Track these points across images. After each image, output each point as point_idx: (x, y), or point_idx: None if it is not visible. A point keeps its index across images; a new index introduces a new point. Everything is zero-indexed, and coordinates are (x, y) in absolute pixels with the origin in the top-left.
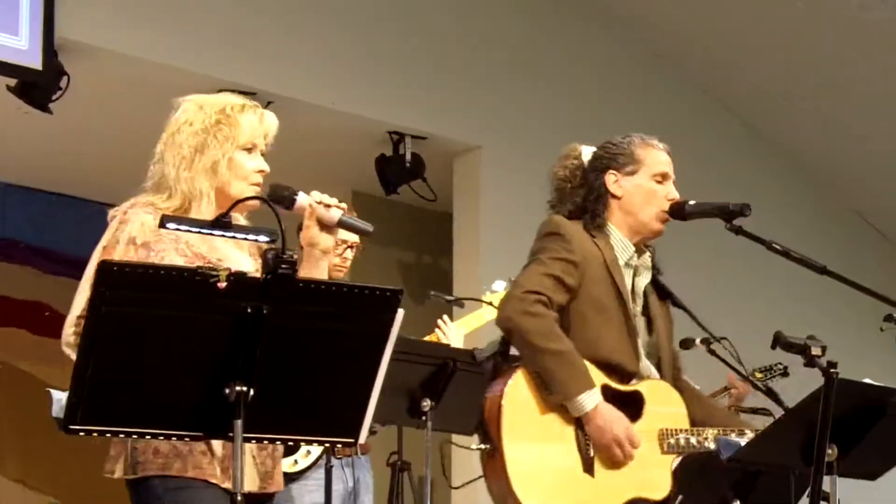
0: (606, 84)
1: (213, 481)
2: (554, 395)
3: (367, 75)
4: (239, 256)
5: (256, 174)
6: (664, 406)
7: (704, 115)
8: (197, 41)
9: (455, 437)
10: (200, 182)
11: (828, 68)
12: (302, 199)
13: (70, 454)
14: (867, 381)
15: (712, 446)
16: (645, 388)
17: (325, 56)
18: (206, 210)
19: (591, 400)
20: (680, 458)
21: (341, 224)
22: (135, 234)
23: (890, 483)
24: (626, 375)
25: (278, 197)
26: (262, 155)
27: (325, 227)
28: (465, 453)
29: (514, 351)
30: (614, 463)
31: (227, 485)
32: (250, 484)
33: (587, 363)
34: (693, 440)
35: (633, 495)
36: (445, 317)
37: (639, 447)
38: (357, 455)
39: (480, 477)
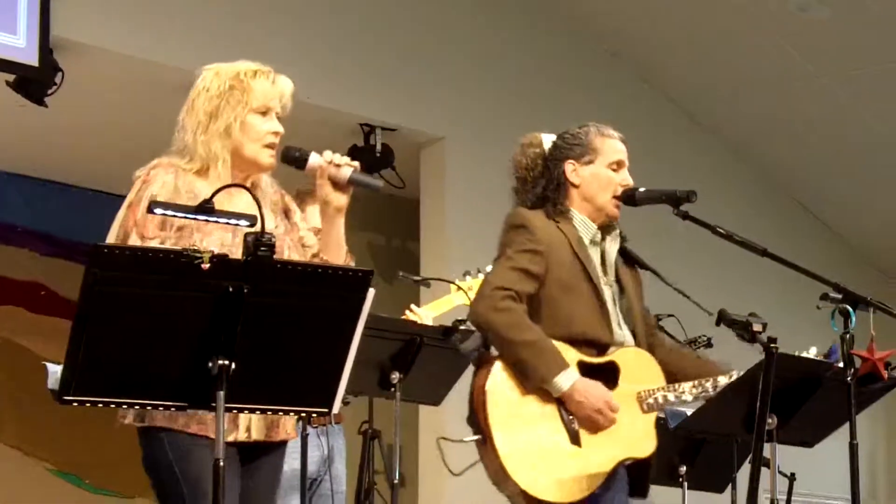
0: (562, 79)
1: (215, 436)
2: (531, 383)
3: (341, 72)
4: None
5: (270, 135)
6: (639, 370)
7: (653, 108)
8: (181, 39)
9: (448, 433)
10: (215, 145)
11: (769, 64)
12: (314, 159)
13: (64, 423)
14: (805, 355)
15: (689, 399)
16: (619, 356)
17: (302, 54)
18: (223, 172)
19: (567, 379)
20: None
21: (352, 181)
22: (156, 192)
23: (825, 450)
24: (601, 347)
25: (290, 158)
26: (279, 118)
27: (338, 185)
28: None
29: None
30: (599, 431)
31: (231, 437)
32: (257, 433)
33: (561, 343)
34: (671, 396)
35: (622, 457)
36: (413, 305)
37: (618, 411)
38: (331, 424)
39: (478, 461)
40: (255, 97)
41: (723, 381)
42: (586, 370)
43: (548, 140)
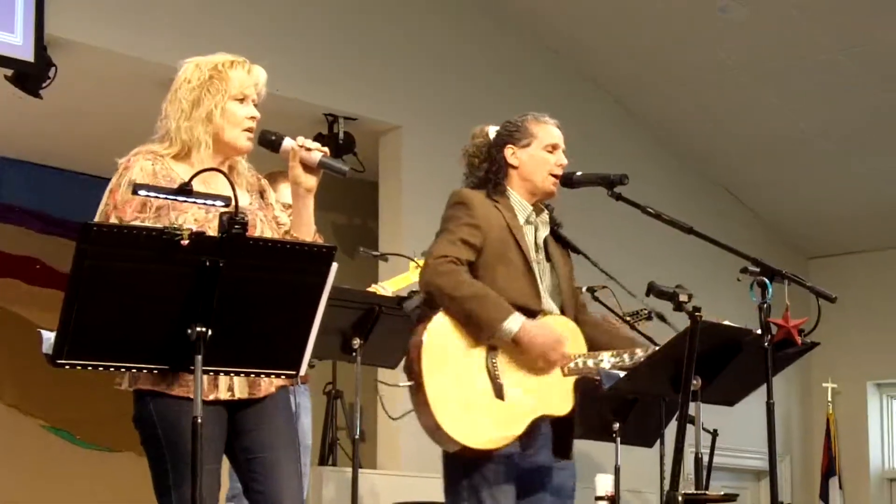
0: (509, 74)
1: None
2: (483, 332)
3: (307, 67)
4: (242, 196)
5: (248, 120)
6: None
7: (590, 99)
8: (160, 37)
9: (382, 376)
10: (198, 130)
11: (695, 59)
12: (287, 143)
13: (57, 384)
14: (726, 322)
15: (607, 366)
16: (546, 322)
17: (272, 50)
18: (205, 154)
19: (514, 323)
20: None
21: (321, 165)
22: (135, 177)
23: (745, 408)
24: (530, 314)
25: (266, 141)
26: (255, 105)
27: (308, 168)
28: (401, 391)
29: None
30: (551, 369)
31: (213, 396)
32: (240, 391)
33: None
34: (590, 363)
35: (540, 413)
36: (378, 284)
37: (566, 344)
38: (298, 384)
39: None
40: (233, 85)
41: (640, 353)
42: (515, 342)
43: (493, 131)
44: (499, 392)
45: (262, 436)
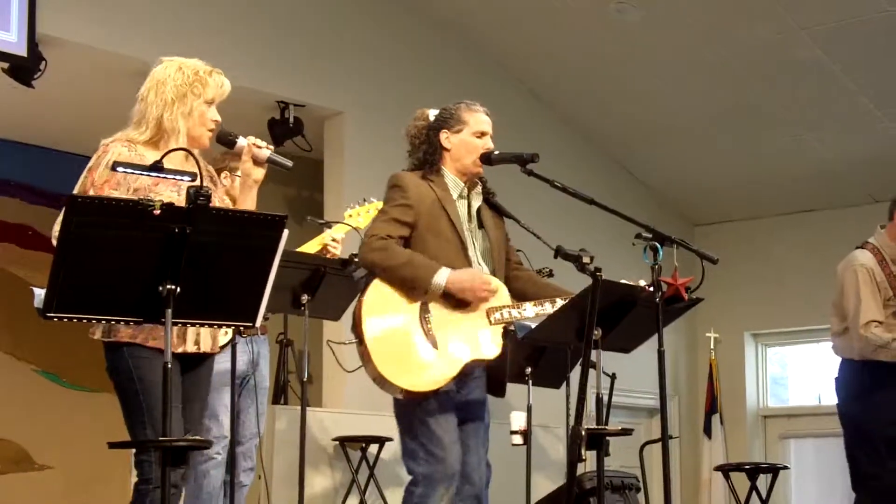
0: (435, 67)
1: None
2: (418, 290)
3: (263, 60)
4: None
5: (212, 122)
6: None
7: (506, 89)
8: (135, 35)
9: (333, 336)
10: (179, 123)
11: (596, 53)
12: (241, 141)
13: (47, 334)
14: (623, 281)
15: (531, 315)
16: None
17: (231, 45)
18: (182, 142)
19: (441, 277)
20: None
21: (269, 160)
22: (112, 160)
23: (639, 355)
24: None
25: (224, 140)
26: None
27: (258, 162)
28: (352, 349)
29: None
30: (481, 305)
31: (181, 349)
32: (204, 346)
33: None
34: (514, 312)
35: (471, 358)
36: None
37: (490, 283)
38: (259, 335)
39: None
40: (209, 90)
41: (560, 302)
42: (446, 293)
43: (433, 114)
44: (433, 342)
45: (198, 386)
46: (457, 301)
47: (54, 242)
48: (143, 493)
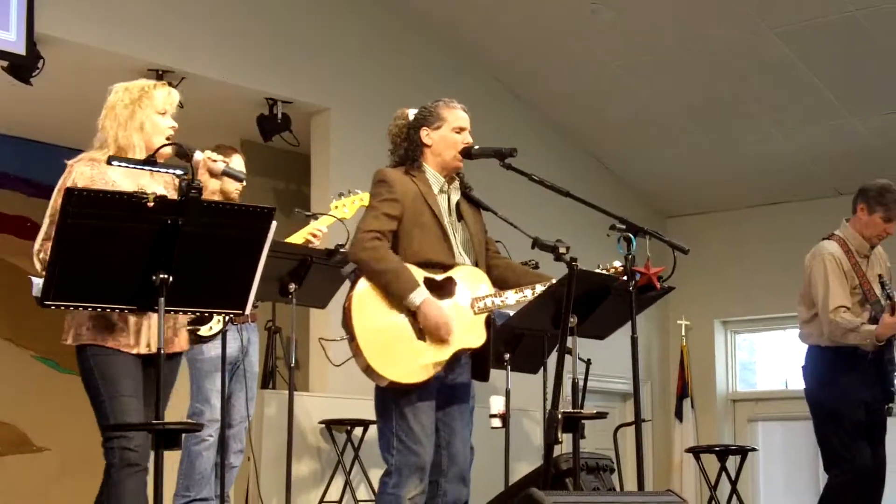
0: (416, 66)
1: (125, 350)
2: (395, 299)
3: (253, 59)
4: (159, 188)
5: (168, 129)
6: (472, 282)
7: (486, 87)
8: (127, 35)
9: (329, 330)
10: (134, 137)
11: (572, 52)
12: (198, 155)
13: (45, 321)
14: (598, 270)
15: (512, 302)
16: (455, 273)
17: (222, 45)
18: (140, 154)
19: (419, 297)
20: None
21: (224, 172)
22: (76, 180)
23: (613, 341)
24: (445, 268)
25: (182, 153)
26: (172, 118)
27: (213, 175)
28: (340, 344)
29: None
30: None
31: (136, 350)
32: (154, 346)
33: (415, 266)
34: (497, 300)
35: (457, 348)
36: (313, 222)
37: (451, 332)
38: (248, 322)
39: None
40: (157, 102)
41: (540, 287)
42: (431, 284)
43: (412, 113)
44: (420, 335)
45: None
46: (442, 293)
47: (38, 265)
48: (109, 474)
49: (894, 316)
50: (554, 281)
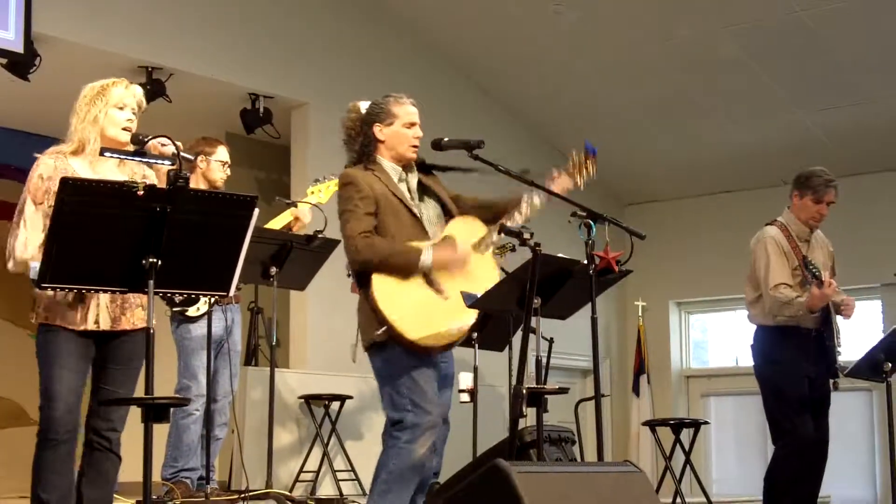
0: (390, 63)
1: (72, 327)
2: (413, 271)
3: (237, 56)
4: (120, 177)
5: (125, 121)
6: (466, 229)
7: (456, 83)
8: (120, 34)
9: (309, 310)
10: (88, 130)
11: (537, 50)
12: (151, 141)
13: None
14: (560, 255)
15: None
16: (449, 229)
17: (208, 43)
18: (96, 146)
19: (427, 255)
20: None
21: (174, 154)
22: (42, 171)
23: (574, 321)
24: None
25: (136, 140)
26: (134, 113)
27: (165, 157)
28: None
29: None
30: (459, 275)
31: (83, 327)
32: (104, 324)
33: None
34: (493, 236)
35: (482, 290)
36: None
37: (466, 253)
38: (232, 303)
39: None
40: (112, 97)
41: (525, 203)
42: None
43: (364, 106)
44: (439, 293)
45: (115, 374)
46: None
47: (10, 265)
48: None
49: (822, 289)
50: (525, 196)
